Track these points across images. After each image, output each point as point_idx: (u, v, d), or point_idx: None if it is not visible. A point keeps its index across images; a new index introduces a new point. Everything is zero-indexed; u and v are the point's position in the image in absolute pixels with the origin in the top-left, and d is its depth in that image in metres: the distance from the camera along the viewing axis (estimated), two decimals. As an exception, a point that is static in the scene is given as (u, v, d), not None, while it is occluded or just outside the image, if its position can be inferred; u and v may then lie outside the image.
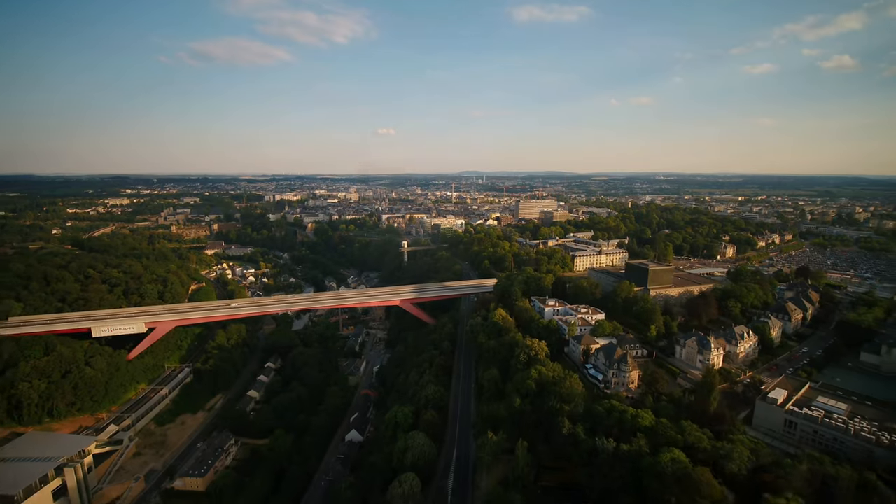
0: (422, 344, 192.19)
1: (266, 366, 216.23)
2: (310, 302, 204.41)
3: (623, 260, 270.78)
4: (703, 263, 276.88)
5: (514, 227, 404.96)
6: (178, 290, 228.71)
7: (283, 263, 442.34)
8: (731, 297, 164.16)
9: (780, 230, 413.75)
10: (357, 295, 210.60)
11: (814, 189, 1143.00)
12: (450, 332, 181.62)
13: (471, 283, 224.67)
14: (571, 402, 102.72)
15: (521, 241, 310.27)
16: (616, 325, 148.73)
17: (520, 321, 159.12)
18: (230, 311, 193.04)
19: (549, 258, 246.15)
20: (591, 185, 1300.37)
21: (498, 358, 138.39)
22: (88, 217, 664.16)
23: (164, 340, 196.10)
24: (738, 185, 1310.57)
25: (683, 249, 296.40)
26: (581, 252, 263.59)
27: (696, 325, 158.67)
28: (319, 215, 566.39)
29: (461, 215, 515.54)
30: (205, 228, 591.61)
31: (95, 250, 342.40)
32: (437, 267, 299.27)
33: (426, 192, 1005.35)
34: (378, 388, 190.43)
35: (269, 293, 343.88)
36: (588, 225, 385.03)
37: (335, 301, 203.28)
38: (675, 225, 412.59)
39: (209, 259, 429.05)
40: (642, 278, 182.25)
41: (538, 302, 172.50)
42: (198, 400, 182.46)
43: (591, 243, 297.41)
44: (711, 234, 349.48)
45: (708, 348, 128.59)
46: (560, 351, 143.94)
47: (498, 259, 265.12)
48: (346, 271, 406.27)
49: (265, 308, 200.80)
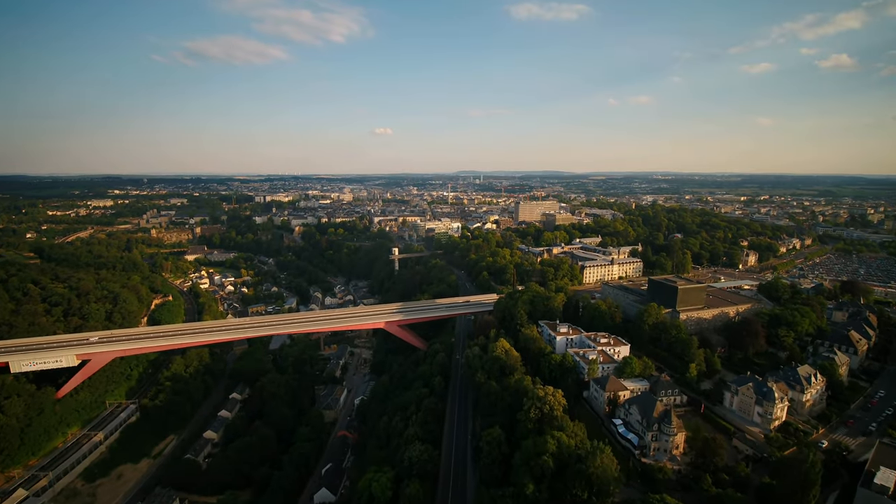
0: (410, 374, 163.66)
1: (231, 396, 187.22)
2: (275, 325, 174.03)
3: (637, 270, 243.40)
4: (727, 274, 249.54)
5: (514, 231, 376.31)
6: (131, 309, 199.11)
7: (267, 270, 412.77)
8: (781, 323, 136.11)
9: (798, 234, 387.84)
10: (333, 317, 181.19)
11: (814, 188, 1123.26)
12: (442, 363, 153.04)
13: (467, 301, 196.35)
14: (605, 491, 74.52)
15: (522, 249, 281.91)
16: (646, 361, 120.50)
17: (526, 354, 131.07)
18: (181, 339, 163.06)
19: (555, 270, 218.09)
20: (589, 185, 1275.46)
21: (501, 406, 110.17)
22: (66, 220, 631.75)
23: (108, 370, 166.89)
24: (738, 185, 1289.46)
25: (702, 258, 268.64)
26: (590, 262, 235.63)
27: (740, 359, 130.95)
28: (308, 218, 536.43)
29: (457, 218, 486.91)
30: (187, 232, 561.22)
31: (56, 259, 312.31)
32: (430, 277, 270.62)
33: (422, 192, 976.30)
34: (358, 428, 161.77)
35: (248, 305, 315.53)
36: (594, 229, 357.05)
37: (307, 324, 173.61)
38: (685, 228, 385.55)
39: (186, 266, 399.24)
40: (670, 298, 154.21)
41: (548, 328, 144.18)
42: (143, 444, 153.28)
43: (600, 251, 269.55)
44: (728, 239, 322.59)
45: (770, 398, 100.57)
46: (578, 395, 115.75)
47: (498, 270, 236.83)
48: (334, 279, 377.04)
49: (221, 335, 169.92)
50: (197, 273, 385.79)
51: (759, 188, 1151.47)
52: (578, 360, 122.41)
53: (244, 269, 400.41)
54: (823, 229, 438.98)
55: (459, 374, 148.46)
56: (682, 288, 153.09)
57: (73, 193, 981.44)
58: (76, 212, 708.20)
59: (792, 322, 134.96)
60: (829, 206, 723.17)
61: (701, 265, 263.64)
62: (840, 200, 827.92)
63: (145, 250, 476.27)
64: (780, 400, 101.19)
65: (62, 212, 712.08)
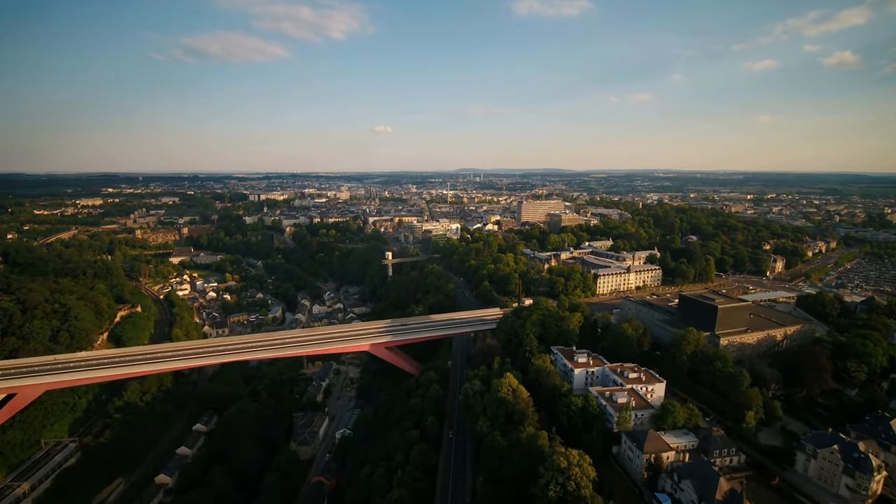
0: (399, 407, 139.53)
1: (195, 428, 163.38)
2: (239, 351, 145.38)
3: (656, 279, 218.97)
4: (754, 283, 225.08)
5: (518, 233, 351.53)
6: (83, 326, 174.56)
7: (254, 274, 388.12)
8: (849, 353, 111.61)
9: (820, 235, 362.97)
10: (309, 339, 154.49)
11: (819, 186, 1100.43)
12: (436, 398, 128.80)
13: (465, 317, 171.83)
14: None
15: (527, 254, 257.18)
16: (691, 408, 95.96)
17: (537, 390, 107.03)
18: (123, 370, 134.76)
19: (566, 280, 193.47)
20: (591, 183, 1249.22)
21: (509, 469, 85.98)
22: (50, 220, 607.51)
23: (47, 401, 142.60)
24: (741, 183, 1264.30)
25: (725, 264, 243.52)
26: (604, 269, 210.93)
27: (803, 400, 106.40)
28: (300, 218, 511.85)
29: (456, 218, 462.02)
30: (174, 232, 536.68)
31: (22, 263, 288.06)
32: (426, 285, 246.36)
33: (421, 190, 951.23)
34: (337, 472, 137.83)
35: (228, 314, 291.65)
36: (603, 231, 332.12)
37: (277, 349, 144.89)
38: (700, 230, 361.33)
39: (167, 270, 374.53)
40: (707, 319, 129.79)
41: (562, 356, 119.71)
42: (81, 494, 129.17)
43: (613, 256, 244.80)
44: (749, 243, 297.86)
45: (865, 468, 76.05)
46: (605, 451, 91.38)
47: (501, 279, 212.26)
48: (324, 284, 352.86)
49: (173, 363, 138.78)
50: (179, 278, 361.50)
51: (764, 186, 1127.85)
52: (604, 404, 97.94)
53: (229, 274, 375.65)
54: (844, 230, 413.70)
55: (457, 413, 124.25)
56: (722, 307, 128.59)
57: (66, 192, 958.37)
58: (63, 211, 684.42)
59: (863, 353, 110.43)
60: (841, 205, 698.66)
61: (725, 272, 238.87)
62: (849, 199, 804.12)
63: (128, 252, 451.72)
64: (878, 470, 76.77)
65: (49, 211, 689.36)
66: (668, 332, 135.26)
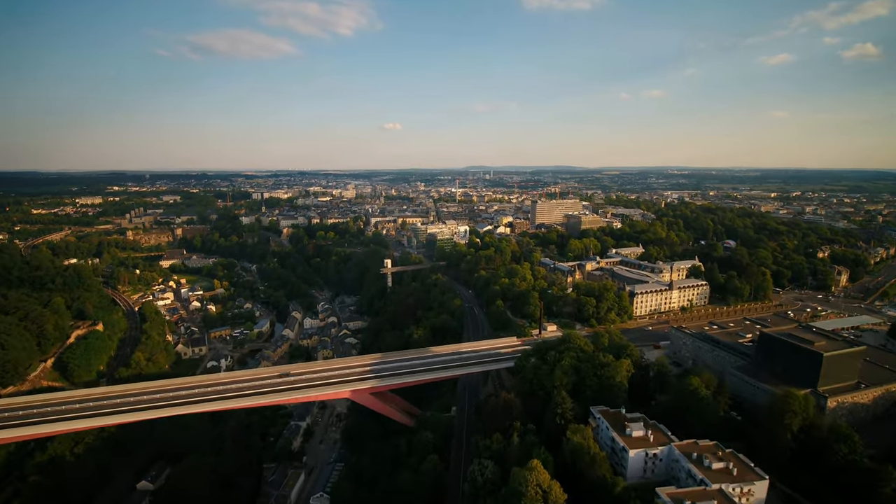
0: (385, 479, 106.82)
1: (139, 485, 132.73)
2: (176, 403, 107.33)
3: (703, 297, 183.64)
4: (820, 301, 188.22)
5: (533, 236, 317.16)
6: (11, 358, 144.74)
7: (246, 280, 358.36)
8: None
9: (875, 240, 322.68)
10: (271, 386, 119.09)
11: (842, 184, 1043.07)
12: (434, 472, 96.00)
13: (474, 349, 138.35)
14: None
15: (546, 263, 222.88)
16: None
17: (575, 485, 73.77)
18: (16, 432, 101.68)
19: (597, 300, 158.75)
20: (604, 181, 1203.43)
21: None
22: (44, 220, 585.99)
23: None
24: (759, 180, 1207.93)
25: (782, 277, 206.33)
26: (641, 286, 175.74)
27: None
28: (299, 218, 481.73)
29: (465, 219, 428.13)
30: (167, 234, 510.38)
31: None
32: (429, 299, 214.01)
33: (429, 188, 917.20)
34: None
35: (210, 328, 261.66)
36: (630, 235, 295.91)
37: (228, 398, 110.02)
38: (737, 234, 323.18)
39: (151, 277, 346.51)
40: (803, 369, 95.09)
41: (607, 425, 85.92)
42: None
43: (647, 266, 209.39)
44: (800, 250, 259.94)
45: None
46: None
47: (516, 296, 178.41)
48: (319, 293, 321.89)
49: (89, 420, 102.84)
50: (163, 285, 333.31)
51: (784, 183, 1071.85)
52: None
53: (217, 280, 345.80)
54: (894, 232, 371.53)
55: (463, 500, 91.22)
56: (829, 355, 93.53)
57: (70, 190, 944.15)
58: (60, 211, 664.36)
59: None
60: (879, 203, 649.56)
61: (782, 288, 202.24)
62: (880, 197, 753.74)
63: (118, 254, 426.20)
64: None
65: (47, 210, 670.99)
66: (745, 383, 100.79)
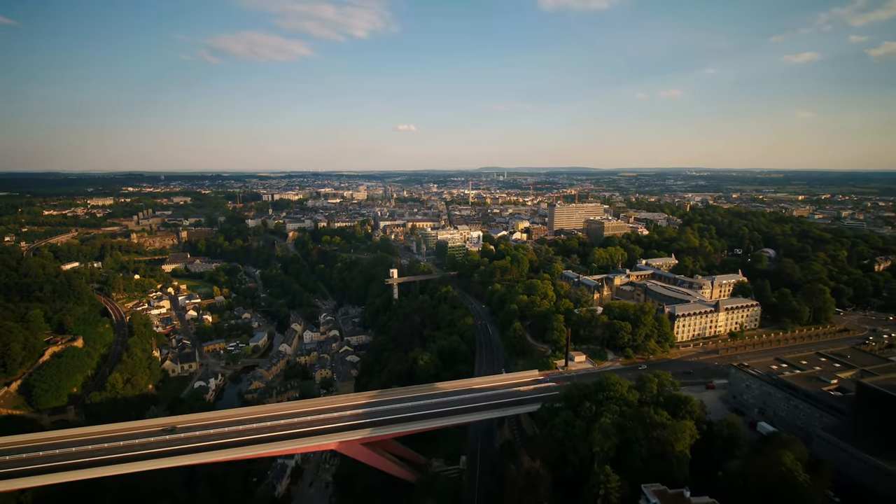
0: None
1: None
2: (133, 458, 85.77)
3: (753, 319, 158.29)
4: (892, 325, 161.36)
5: (552, 243, 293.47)
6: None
7: (247, 287, 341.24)
8: None
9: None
10: (243, 435, 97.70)
11: (871, 186, 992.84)
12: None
13: (488, 385, 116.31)
14: None
15: (569, 277, 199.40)
16: None
17: None
18: None
19: (633, 326, 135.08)
20: (620, 182, 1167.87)
21: None
22: (52, 221, 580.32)
23: None
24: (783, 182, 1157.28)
25: (843, 295, 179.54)
26: (681, 306, 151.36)
27: None
28: (305, 221, 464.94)
29: (478, 223, 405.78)
30: (172, 236, 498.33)
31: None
32: (437, 316, 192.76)
33: (442, 189, 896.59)
34: None
35: (203, 341, 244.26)
36: (658, 243, 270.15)
37: (193, 452, 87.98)
38: (774, 242, 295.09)
39: (148, 283, 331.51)
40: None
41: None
42: None
43: (685, 282, 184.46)
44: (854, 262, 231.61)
45: None
46: None
47: (536, 317, 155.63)
48: (322, 302, 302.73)
49: (26, 478, 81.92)
50: (160, 291, 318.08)
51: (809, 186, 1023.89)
52: None
53: (217, 287, 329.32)
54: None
55: None
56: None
57: (86, 191, 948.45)
58: (69, 212, 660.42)
59: None
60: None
61: (842, 307, 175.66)
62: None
63: (121, 258, 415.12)
64: None
65: (58, 211, 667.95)
66: (839, 450, 76.82)
